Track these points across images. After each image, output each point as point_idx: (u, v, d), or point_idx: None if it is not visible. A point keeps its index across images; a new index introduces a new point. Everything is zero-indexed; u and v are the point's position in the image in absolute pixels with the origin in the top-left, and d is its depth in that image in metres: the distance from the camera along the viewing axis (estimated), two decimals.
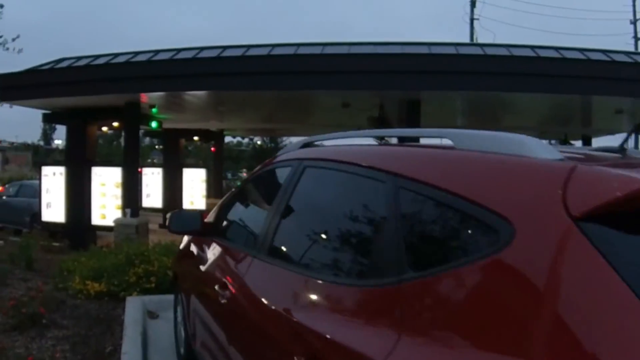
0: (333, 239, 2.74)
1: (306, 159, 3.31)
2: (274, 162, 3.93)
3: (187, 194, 21.33)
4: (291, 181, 3.28)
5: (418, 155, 2.40)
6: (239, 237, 4.13)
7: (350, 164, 2.71)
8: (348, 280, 2.33)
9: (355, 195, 2.66)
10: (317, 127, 21.68)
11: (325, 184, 3.09)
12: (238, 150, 52.97)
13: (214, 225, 4.62)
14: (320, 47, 12.53)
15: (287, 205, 3.22)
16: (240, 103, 15.13)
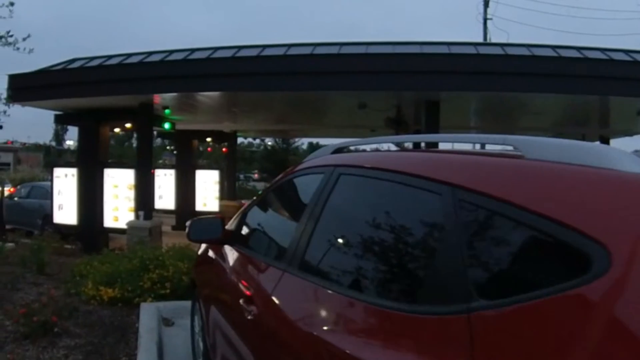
0: (377, 256, 2.48)
1: (340, 165, 3.06)
2: (302, 169, 3.67)
3: (199, 196, 21.15)
4: (324, 189, 3.04)
5: (482, 165, 2.12)
6: (265, 248, 3.89)
7: (396, 172, 2.45)
8: (398, 305, 2.05)
9: (403, 207, 2.41)
10: (330, 128, 21.53)
11: (365, 193, 2.82)
12: (249, 152, 52.73)
13: (235, 233, 4.39)
14: (337, 46, 12.29)
15: (320, 215, 2.96)
16: (254, 104, 14.91)
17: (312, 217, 3.00)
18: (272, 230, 3.99)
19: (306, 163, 3.69)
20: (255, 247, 4.02)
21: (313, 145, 55.47)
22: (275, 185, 4.11)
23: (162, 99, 13.38)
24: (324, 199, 2.99)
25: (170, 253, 9.01)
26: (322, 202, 2.99)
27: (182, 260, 8.50)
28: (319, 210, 2.98)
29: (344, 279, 2.61)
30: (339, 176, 2.98)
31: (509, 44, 12.48)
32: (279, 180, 4.03)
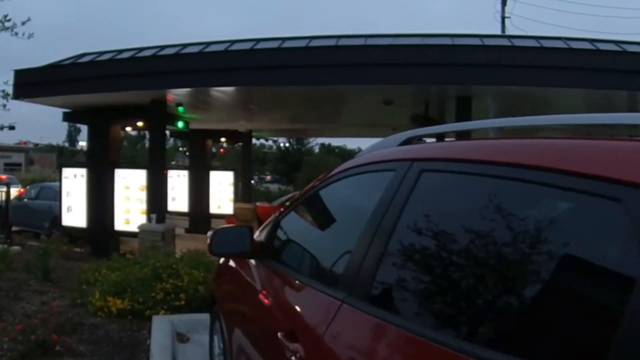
0: (501, 289, 1.71)
1: (422, 160, 2.33)
2: (358, 166, 2.91)
3: (214, 198, 20.44)
4: (398, 192, 2.31)
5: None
6: (309, 268, 3.17)
7: (529, 168, 1.68)
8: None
9: (543, 219, 1.64)
10: (349, 127, 20.90)
11: (468, 197, 2.04)
12: (262, 153, 52.13)
13: (266, 246, 3.69)
14: (362, 38, 11.57)
15: (395, 226, 2.21)
16: (272, 101, 14.24)
17: (382, 229, 2.27)
18: (319, 245, 3.23)
19: (363, 158, 2.94)
20: (295, 265, 3.31)
21: (325, 146, 54.89)
22: (318, 188, 3.33)
23: (175, 96, 12.69)
24: (398, 205, 2.25)
25: (184, 260, 8.30)
26: (395, 209, 2.25)
27: (198, 269, 7.80)
28: (392, 220, 2.24)
29: (438, 320, 1.86)
30: (419, 173, 2.25)
31: (544, 37, 11.69)
32: (323, 182, 3.25)
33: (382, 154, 2.72)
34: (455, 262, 1.91)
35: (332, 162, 36.80)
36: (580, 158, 1.56)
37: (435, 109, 13.79)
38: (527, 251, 1.61)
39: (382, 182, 2.50)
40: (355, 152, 77.45)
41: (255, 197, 25.63)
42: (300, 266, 3.23)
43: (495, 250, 1.73)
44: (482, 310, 1.70)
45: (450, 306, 1.84)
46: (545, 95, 12.05)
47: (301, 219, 3.56)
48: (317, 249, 3.19)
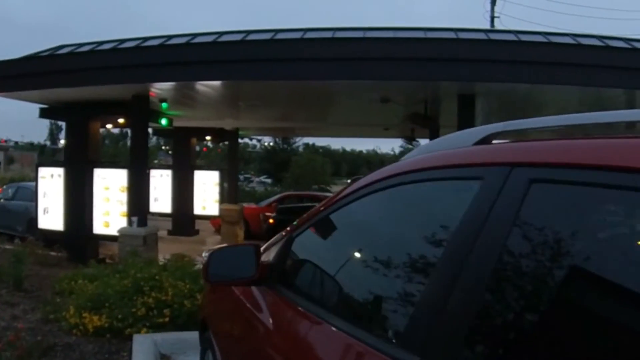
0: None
1: (528, 164, 1.65)
2: (415, 171, 2.18)
3: (198, 198, 19.67)
4: (493, 211, 1.62)
5: None
6: (341, 304, 2.41)
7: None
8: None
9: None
10: (339, 126, 20.28)
11: (619, 222, 1.34)
12: (248, 152, 51.27)
13: (276, 268, 2.96)
14: (361, 31, 10.87)
15: (499, 262, 1.53)
16: (260, 97, 13.51)
17: (472, 266, 1.58)
18: (356, 276, 2.43)
19: (419, 162, 2.21)
20: (320, 297, 2.58)
21: (309, 145, 54.12)
22: (350, 199, 2.56)
23: (159, 91, 11.94)
24: (499, 230, 1.55)
25: (168, 270, 7.55)
26: (494, 236, 1.56)
27: (183, 280, 7.04)
28: (491, 251, 1.54)
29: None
30: (528, 185, 1.55)
31: (553, 33, 11.15)
32: (358, 191, 2.50)
33: (455, 156, 2.00)
34: (606, 316, 1.22)
35: (320, 162, 36.26)
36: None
37: (434, 108, 13.19)
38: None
39: (460, 195, 1.84)
40: (339, 152, 76.73)
41: (243, 198, 24.97)
42: (328, 300, 2.50)
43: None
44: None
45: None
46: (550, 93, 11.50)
47: (326, 237, 2.83)
48: (353, 280, 2.43)
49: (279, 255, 2.97)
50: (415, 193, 2.24)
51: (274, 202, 20.38)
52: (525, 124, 1.97)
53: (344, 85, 11.37)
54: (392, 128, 18.08)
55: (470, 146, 2.01)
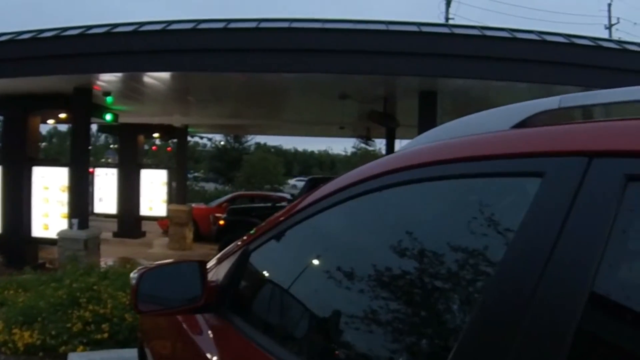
0: None
1: (618, 153, 1.11)
2: (429, 163, 1.57)
3: (145, 199, 18.82)
4: (563, 224, 1.08)
5: None
6: (315, 343, 1.83)
7: None
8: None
9: None
10: (293, 124, 19.82)
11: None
12: (198, 150, 50.26)
13: (227, 291, 2.31)
14: (319, 22, 10.32)
15: (567, 313, 1.00)
16: (211, 91, 12.94)
17: (537, 321, 1.04)
18: (345, 306, 1.73)
19: (429, 151, 1.63)
20: (291, 336, 1.98)
21: (261, 145, 53.39)
22: (326, 203, 1.92)
23: (103, 83, 11.23)
24: (577, 258, 1.05)
25: (109, 278, 6.86)
26: (569, 269, 1.05)
27: (124, 290, 6.33)
28: (563, 293, 1.04)
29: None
30: (624, 183, 1.04)
31: (518, 30, 10.82)
32: (335, 193, 1.87)
33: (492, 142, 1.43)
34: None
35: (272, 162, 35.64)
36: None
37: (394, 105, 12.83)
38: None
39: (504, 199, 1.38)
40: (291, 152, 76.03)
41: (192, 198, 24.21)
42: (293, 336, 1.92)
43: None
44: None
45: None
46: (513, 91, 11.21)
47: (296, 252, 2.19)
48: (334, 315, 1.78)
49: (231, 274, 2.32)
50: (424, 196, 1.65)
51: (224, 203, 19.72)
52: (592, 98, 1.39)
53: (300, 80, 10.89)
54: (347, 127, 17.59)
55: (510, 129, 1.43)
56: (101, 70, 10.22)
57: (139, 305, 2.18)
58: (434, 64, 9.73)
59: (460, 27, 11.05)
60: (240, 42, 9.65)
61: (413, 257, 1.53)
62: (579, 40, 10.52)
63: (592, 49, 10.37)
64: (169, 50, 9.58)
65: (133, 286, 2.20)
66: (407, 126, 13.83)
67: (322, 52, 9.63)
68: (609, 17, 38.77)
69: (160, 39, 9.83)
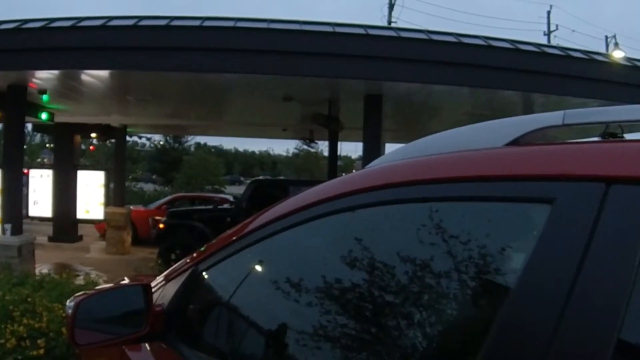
0: None
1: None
2: (408, 183, 1.41)
3: (81, 201, 18.17)
4: (582, 258, 0.94)
5: None
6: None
7: None
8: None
9: None
10: (236, 126, 19.49)
11: None
12: (136, 151, 49.33)
13: (174, 316, 2.06)
14: (265, 22, 10.13)
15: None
16: (151, 91, 12.56)
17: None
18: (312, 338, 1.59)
19: (413, 167, 1.47)
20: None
21: (201, 145, 52.71)
22: (288, 222, 1.71)
23: (39, 81, 10.81)
24: (598, 298, 0.91)
25: (44, 288, 6.51)
26: (590, 309, 0.91)
27: (61, 302, 6.00)
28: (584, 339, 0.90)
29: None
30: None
31: (464, 35, 10.88)
32: (299, 212, 1.68)
33: (488, 161, 1.28)
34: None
35: (213, 163, 35.20)
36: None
37: (339, 107, 12.79)
38: None
39: (505, 228, 1.22)
40: (232, 152, 75.42)
41: (130, 200, 23.63)
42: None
43: None
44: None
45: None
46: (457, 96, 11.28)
47: (254, 273, 1.98)
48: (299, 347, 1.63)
49: (178, 297, 2.09)
50: (399, 221, 1.48)
51: (164, 205, 19.30)
52: (600, 115, 1.26)
53: (244, 81, 10.67)
54: (290, 129, 17.44)
55: (505, 147, 1.28)
56: (37, 67, 9.84)
57: (77, 338, 1.95)
58: (379, 68, 9.63)
59: (406, 30, 10.99)
60: (183, 41, 9.40)
61: (383, 290, 1.38)
62: (524, 46, 10.64)
63: (537, 55, 10.47)
64: (108, 47, 9.24)
65: (69, 317, 1.96)
66: (351, 128, 13.79)
67: (267, 53, 9.44)
68: (548, 24, 39.85)
69: (99, 35, 9.45)
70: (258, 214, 1.95)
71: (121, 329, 2.02)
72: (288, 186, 14.49)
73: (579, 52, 11.52)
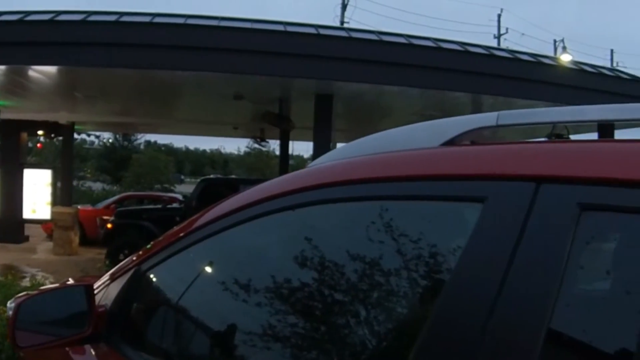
0: None
1: (574, 179, 1.03)
2: (348, 182, 1.43)
3: (28, 200, 17.80)
4: (511, 258, 0.99)
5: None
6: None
7: None
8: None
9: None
10: (186, 124, 19.37)
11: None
12: (85, 149, 48.44)
13: (118, 317, 2.00)
14: (216, 20, 10.11)
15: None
16: (99, 88, 12.38)
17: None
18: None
19: (351, 167, 1.49)
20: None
21: (151, 143, 52.05)
22: (238, 219, 1.69)
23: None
24: (527, 299, 0.97)
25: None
26: (520, 311, 0.97)
27: (4, 304, 5.89)
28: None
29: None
30: (577, 213, 0.96)
31: (414, 36, 11.03)
32: (244, 209, 1.67)
33: (423, 160, 1.32)
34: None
35: (163, 161, 34.75)
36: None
37: (290, 107, 12.77)
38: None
39: (436, 228, 1.25)
40: (182, 150, 74.64)
41: (78, 199, 23.23)
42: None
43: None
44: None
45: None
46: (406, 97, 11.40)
47: (199, 272, 1.94)
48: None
49: (122, 297, 2.03)
50: (337, 219, 1.51)
51: (112, 204, 18.99)
52: (534, 116, 1.31)
53: (194, 78, 10.63)
54: (241, 127, 17.39)
55: (440, 147, 1.33)
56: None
57: (18, 340, 1.90)
58: (330, 67, 9.71)
59: (358, 31, 11.11)
60: (133, 37, 9.32)
61: (326, 285, 1.41)
62: (473, 49, 10.82)
63: (486, 57, 10.68)
64: (56, 43, 9.10)
65: (10, 318, 1.92)
66: (302, 128, 13.84)
67: (218, 51, 9.45)
68: (498, 27, 40.52)
69: (47, 31, 9.30)
70: (203, 212, 1.93)
71: (64, 331, 1.98)
72: (238, 185, 14.39)
73: (527, 55, 11.79)
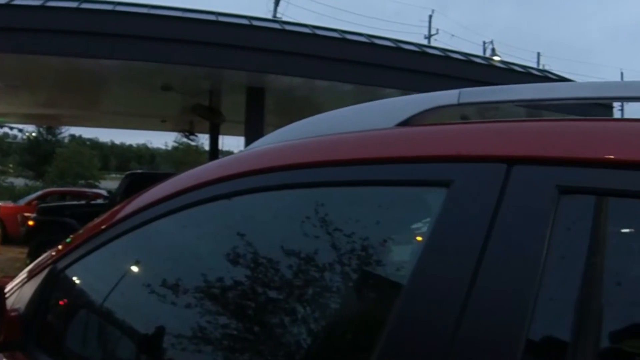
0: None
1: (549, 160, 0.92)
2: (294, 166, 1.27)
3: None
4: (483, 249, 0.87)
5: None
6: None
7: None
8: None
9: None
10: (113, 116, 18.90)
11: None
12: (5, 143, 46.89)
13: (32, 322, 1.74)
14: (145, 8, 9.89)
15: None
16: (22, 77, 11.85)
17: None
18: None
19: (304, 149, 1.33)
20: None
21: (76, 137, 50.77)
22: (166, 209, 1.51)
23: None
24: (499, 295, 0.84)
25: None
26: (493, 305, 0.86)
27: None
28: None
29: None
30: (555, 196, 0.86)
31: (348, 32, 11.09)
32: (173, 198, 1.50)
33: (380, 142, 1.19)
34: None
35: (87, 156, 33.97)
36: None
37: (221, 99, 12.63)
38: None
39: (398, 214, 1.15)
40: (108, 145, 73.10)
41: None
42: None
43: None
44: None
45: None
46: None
47: (123, 269, 1.75)
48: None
49: (37, 300, 1.79)
50: (281, 207, 1.37)
51: (34, 200, 18.34)
52: (499, 93, 1.20)
53: (120, 68, 10.27)
54: (170, 120, 17.06)
55: (396, 127, 1.20)
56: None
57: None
58: (262, 60, 9.61)
59: (291, 24, 11.06)
60: (58, 23, 8.98)
61: (266, 284, 1.26)
62: (406, 46, 10.94)
63: (418, 55, 10.80)
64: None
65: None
66: (233, 122, 13.66)
67: (145, 39, 9.21)
68: (429, 28, 41.27)
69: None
70: (128, 200, 1.75)
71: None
72: (166, 179, 14.13)
73: (458, 54, 11.98)
